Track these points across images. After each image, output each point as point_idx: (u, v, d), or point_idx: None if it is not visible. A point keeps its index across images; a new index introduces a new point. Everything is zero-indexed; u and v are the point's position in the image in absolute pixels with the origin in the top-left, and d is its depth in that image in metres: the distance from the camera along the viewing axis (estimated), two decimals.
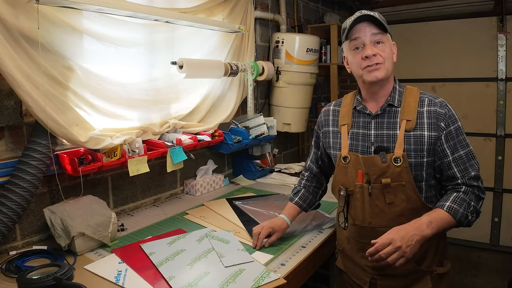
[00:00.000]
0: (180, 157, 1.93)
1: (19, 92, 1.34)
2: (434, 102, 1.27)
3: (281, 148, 3.10)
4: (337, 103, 1.47)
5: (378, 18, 1.25)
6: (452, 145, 1.25)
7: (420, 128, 1.25)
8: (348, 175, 1.34)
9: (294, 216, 1.59)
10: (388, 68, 1.28)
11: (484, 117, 3.44)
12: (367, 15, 1.25)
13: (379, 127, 1.31)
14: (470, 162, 1.25)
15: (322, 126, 1.49)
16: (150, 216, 1.88)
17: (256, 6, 2.64)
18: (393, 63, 1.31)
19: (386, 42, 1.27)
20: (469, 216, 1.22)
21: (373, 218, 1.29)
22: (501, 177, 3.43)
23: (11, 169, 1.43)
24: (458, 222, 1.21)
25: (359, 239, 1.36)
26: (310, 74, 2.84)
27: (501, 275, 3.06)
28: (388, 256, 1.14)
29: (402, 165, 1.24)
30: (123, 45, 1.79)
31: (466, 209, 1.21)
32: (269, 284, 1.23)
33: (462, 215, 1.20)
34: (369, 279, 1.35)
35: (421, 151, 1.25)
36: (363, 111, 1.35)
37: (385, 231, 1.21)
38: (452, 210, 1.20)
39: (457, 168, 1.25)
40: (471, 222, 1.24)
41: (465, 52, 3.45)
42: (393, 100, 1.30)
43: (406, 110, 1.28)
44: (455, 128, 1.25)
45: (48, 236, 1.56)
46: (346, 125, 1.37)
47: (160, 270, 1.30)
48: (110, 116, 1.77)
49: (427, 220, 1.19)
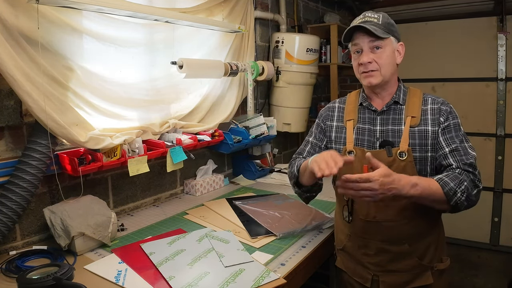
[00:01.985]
0: (180, 157, 1.93)
1: (19, 92, 1.34)
2: (437, 100, 1.33)
3: (281, 148, 3.10)
4: (341, 101, 1.50)
5: (372, 29, 1.26)
6: (448, 138, 1.28)
7: (424, 124, 1.30)
8: (354, 170, 1.32)
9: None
10: (385, 74, 1.31)
11: (484, 117, 3.44)
12: (362, 26, 1.28)
13: (384, 123, 1.35)
14: (467, 156, 1.25)
15: (325, 120, 1.50)
16: (150, 216, 1.88)
17: (256, 6, 2.64)
18: (396, 65, 1.34)
19: (386, 47, 1.29)
20: (458, 193, 1.17)
21: (377, 212, 1.31)
22: (501, 177, 3.43)
23: (11, 169, 1.43)
24: (446, 195, 1.17)
25: (362, 234, 1.36)
26: (310, 74, 2.84)
27: (501, 275, 3.06)
28: (361, 190, 1.12)
29: (407, 159, 1.27)
30: (123, 45, 1.79)
31: (456, 185, 1.18)
32: (269, 284, 1.23)
33: (450, 189, 1.17)
34: (371, 276, 1.36)
35: (426, 146, 1.28)
36: (369, 107, 1.38)
37: (390, 225, 1.25)
38: (442, 181, 1.19)
39: (453, 158, 1.26)
40: (460, 203, 1.18)
41: (465, 52, 3.45)
42: (398, 97, 1.35)
43: (411, 108, 1.33)
44: (454, 124, 1.29)
45: (48, 236, 1.56)
46: (352, 120, 1.40)
47: (160, 270, 1.30)
48: (110, 116, 1.77)
49: (414, 181, 1.16)
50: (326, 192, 1.66)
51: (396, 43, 1.33)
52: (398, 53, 1.34)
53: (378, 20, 1.30)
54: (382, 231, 1.30)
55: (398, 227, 1.28)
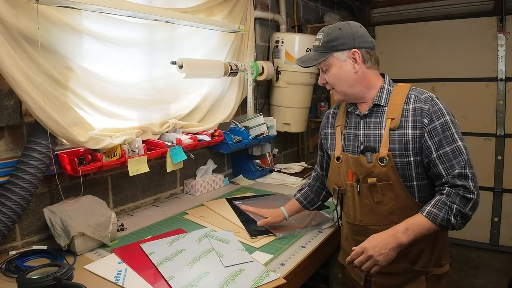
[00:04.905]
0: (180, 157, 1.92)
1: (19, 92, 1.34)
2: (419, 98, 1.25)
3: (281, 148, 3.10)
4: (336, 106, 1.51)
5: (303, 61, 1.34)
6: (437, 142, 1.20)
7: (404, 127, 1.24)
8: (341, 175, 1.36)
9: (293, 211, 1.65)
10: (342, 89, 1.33)
11: (483, 117, 3.44)
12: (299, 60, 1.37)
13: (367, 127, 1.33)
14: (456, 159, 1.18)
15: (323, 129, 1.52)
16: (150, 216, 1.88)
17: (256, 6, 2.64)
18: (353, 77, 1.30)
19: (330, 67, 1.32)
20: (451, 220, 1.15)
21: (363, 216, 1.32)
22: (501, 177, 3.43)
23: (11, 169, 1.43)
24: (439, 226, 1.16)
25: (354, 236, 1.38)
26: (310, 74, 2.84)
27: (500, 275, 3.06)
28: (362, 264, 1.17)
29: (388, 165, 1.24)
30: (123, 45, 1.79)
31: (447, 213, 1.15)
32: (269, 284, 1.23)
33: (443, 219, 1.15)
34: (365, 275, 1.37)
35: (406, 150, 1.23)
36: (354, 112, 1.37)
37: (376, 229, 1.23)
38: (431, 215, 1.16)
39: (442, 165, 1.19)
40: (457, 225, 1.17)
41: (465, 52, 3.45)
42: (379, 99, 1.31)
43: (391, 109, 1.27)
44: (441, 124, 1.20)
45: (48, 236, 1.56)
46: (340, 126, 1.41)
47: (160, 270, 1.30)
48: (110, 116, 1.77)
49: (403, 227, 1.17)
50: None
51: (346, 53, 1.28)
52: (354, 61, 1.28)
53: (320, 41, 1.31)
54: (370, 234, 1.25)
55: None
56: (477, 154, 1.29)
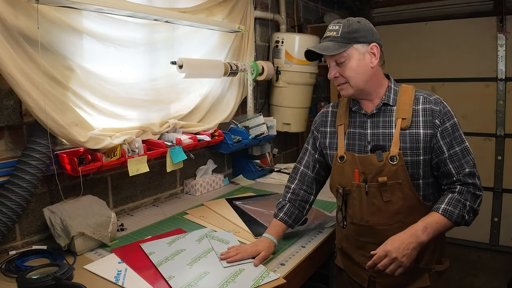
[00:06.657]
0: (180, 157, 1.93)
1: (19, 92, 1.34)
2: (429, 99, 1.28)
3: (280, 148, 3.10)
4: (335, 105, 1.49)
5: (323, 49, 1.26)
6: (448, 142, 1.25)
7: (415, 126, 1.26)
8: (345, 175, 1.35)
9: (280, 234, 1.48)
10: (356, 84, 1.29)
11: (483, 117, 3.44)
12: (310, 51, 1.29)
13: (375, 126, 1.32)
14: (465, 159, 1.25)
15: (320, 127, 1.49)
16: (150, 216, 1.88)
17: (256, 6, 2.64)
18: (372, 69, 1.28)
19: (349, 59, 1.26)
20: (465, 216, 1.22)
21: (370, 216, 1.31)
22: (501, 177, 3.43)
23: (11, 169, 1.43)
24: (455, 223, 1.22)
25: (358, 237, 1.37)
26: (310, 74, 2.84)
27: (500, 275, 3.06)
28: (386, 268, 1.17)
29: (398, 164, 1.25)
30: (123, 45, 1.79)
31: (461, 210, 1.22)
32: (269, 284, 1.23)
33: (458, 216, 1.22)
34: (368, 277, 1.36)
35: (417, 149, 1.26)
36: (359, 111, 1.36)
37: (383, 229, 1.25)
38: (447, 213, 1.21)
39: (452, 164, 1.25)
40: (469, 222, 1.24)
41: (465, 52, 3.44)
42: (388, 99, 1.31)
43: (401, 109, 1.29)
44: (451, 125, 1.26)
45: (48, 236, 1.56)
46: (343, 125, 1.39)
47: (160, 270, 1.30)
48: (110, 116, 1.77)
49: (422, 226, 1.20)
50: (326, 192, 1.65)
51: (365, 47, 1.26)
52: (372, 55, 1.27)
53: (338, 32, 1.25)
54: (376, 234, 1.30)
55: (392, 231, 1.25)
56: (477, 154, 1.28)
